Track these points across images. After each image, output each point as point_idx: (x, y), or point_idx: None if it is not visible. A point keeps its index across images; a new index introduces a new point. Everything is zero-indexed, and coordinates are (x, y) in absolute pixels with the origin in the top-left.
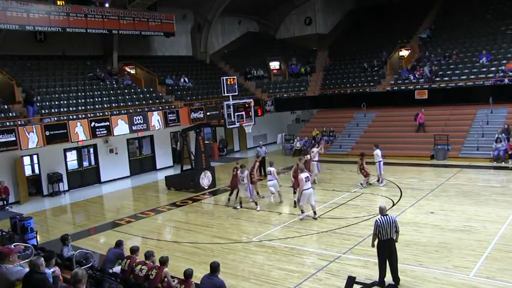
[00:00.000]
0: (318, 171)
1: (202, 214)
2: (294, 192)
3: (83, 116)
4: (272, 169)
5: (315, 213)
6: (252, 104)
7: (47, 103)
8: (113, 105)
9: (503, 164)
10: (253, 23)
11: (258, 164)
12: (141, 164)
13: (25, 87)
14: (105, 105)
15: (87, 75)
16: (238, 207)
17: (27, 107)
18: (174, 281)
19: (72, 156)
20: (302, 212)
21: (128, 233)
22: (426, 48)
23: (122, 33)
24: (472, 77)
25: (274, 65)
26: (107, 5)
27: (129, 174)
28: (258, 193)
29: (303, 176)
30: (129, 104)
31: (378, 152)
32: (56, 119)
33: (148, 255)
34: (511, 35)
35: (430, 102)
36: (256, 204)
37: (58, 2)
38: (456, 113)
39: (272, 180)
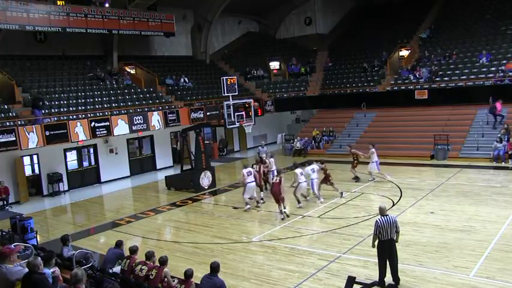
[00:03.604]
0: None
1: (202, 214)
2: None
3: (83, 116)
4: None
5: (257, 202)
6: (252, 104)
7: (47, 103)
8: (113, 105)
9: (503, 164)
10: (253, 23)
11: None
12: (141, 164)
13: (34, 96)
14: (105, 105)
15: (87, 75)
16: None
17: (34, 111)
18: (174, 281)
19: (72, 156)
20: (246, 204)
21: (128, 233)
22: (426, 48)
23: (122, 33)
24: (472, 77)
25: (274, 65)
26: (107, 5)
27: (129, 174)
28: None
29: (244, 171)
30: (129, 104)
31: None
32: (56, 119)
33: (149, 255)
34: (511, 35)
35: (430, 102)
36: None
37: (58, 2)
38: (456, 113)
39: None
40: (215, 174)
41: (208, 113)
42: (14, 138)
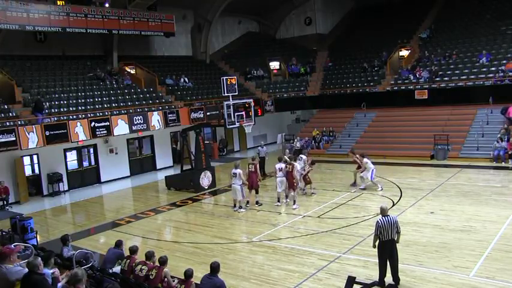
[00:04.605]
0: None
1: (202, 214)
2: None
3: (83, 116)
4: (281, 165)
5: (240, 207)
6: (252, 104)
7: (47, 103)
8: (113, 105)
9: (503, 164)
10: (253, 23)
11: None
12: (141, 164)
13: (35, 98)
14: (105, 105)
15: (87, 75)
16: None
17: (36, 114)
18: (174, 281)
19: (72, 156)
20: (235, 205)
21: (127, 233)
22: (426, 48)
23: (122, 33)
24: (472, 77)
25: (274, 65)
26: (107, 5)
27: (129, 174)
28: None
29: (232, 171)
30: (129, 104)
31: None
32: (56, 119)
33: (150, 255)
34: (511, 35)
35: (430, 102)
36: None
37: (58, 2)
38: (456, 113)
39: (280, 176)
40: (215, 174)
41: (208, 113)
42: (14, 138)
